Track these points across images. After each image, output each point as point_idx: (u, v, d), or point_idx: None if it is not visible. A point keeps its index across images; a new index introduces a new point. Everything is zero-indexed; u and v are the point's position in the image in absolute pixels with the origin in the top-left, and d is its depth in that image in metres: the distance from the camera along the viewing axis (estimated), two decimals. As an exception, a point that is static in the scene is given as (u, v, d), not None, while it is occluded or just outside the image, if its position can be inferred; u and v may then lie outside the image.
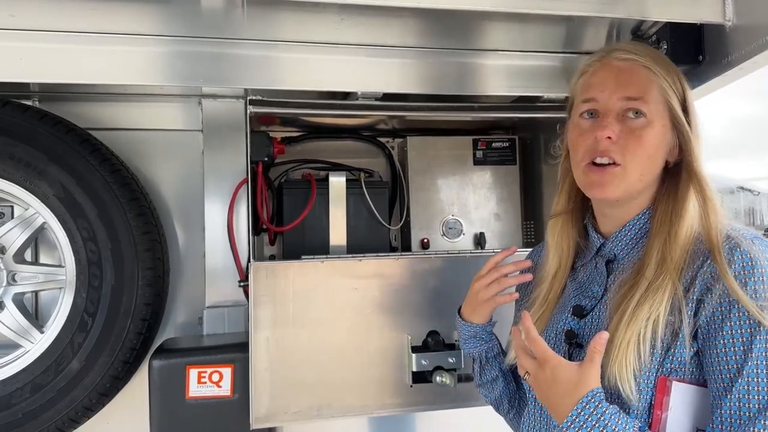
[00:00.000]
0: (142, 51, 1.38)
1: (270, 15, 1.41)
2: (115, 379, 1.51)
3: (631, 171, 0.96)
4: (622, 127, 0.96)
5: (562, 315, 1.06)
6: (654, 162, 0.98)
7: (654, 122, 0.96)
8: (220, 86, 1.60)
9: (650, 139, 0.96)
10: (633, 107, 0.96)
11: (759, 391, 0.80)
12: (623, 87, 0.97)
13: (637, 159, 0.96)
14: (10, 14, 1.31)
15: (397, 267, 1.51)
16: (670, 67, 1.00)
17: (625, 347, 0.89)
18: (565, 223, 1.11)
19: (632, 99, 0.96)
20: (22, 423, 1.45)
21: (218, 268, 1.74)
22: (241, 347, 1.47)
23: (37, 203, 1.50)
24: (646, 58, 0.99)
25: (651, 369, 0.89)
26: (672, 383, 0.88)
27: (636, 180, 0.97)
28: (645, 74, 0.98)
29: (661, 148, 0.97)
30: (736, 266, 0.85)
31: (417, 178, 1.86)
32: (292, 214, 1.70)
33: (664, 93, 0.97)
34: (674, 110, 0.97)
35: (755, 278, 0.84)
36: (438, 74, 1.52)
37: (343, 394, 1.46)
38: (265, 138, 1.69)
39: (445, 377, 1.41)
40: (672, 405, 0.87)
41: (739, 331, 0.83)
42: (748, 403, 0.80)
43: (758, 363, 0.81)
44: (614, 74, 0.99)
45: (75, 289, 1.50)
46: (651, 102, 0.96)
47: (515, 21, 1.52)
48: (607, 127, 0.96)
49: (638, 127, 0.96)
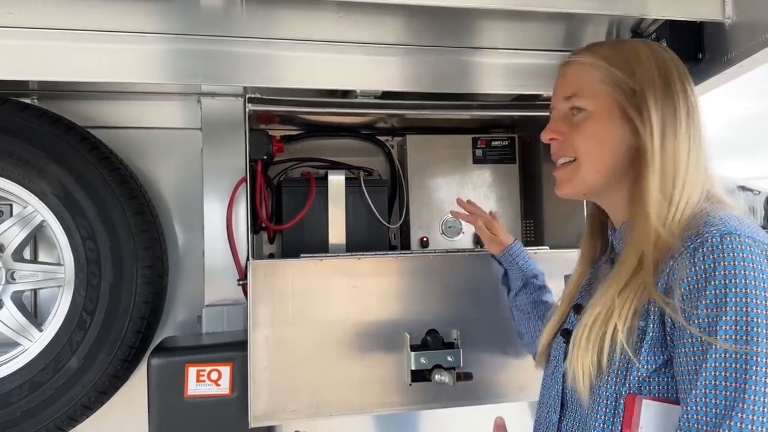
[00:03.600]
0: (141, 49, 1.37)
1: (269, 13, 1.41)
2: (113, 377, 1.51)
3: (584, 164, 0.97)
4: (570, 126, 0.99)
5: (567, 315, 1.09)
6: (607, 151, 0.96)
7: (596, 113, 0.96)
8: (219, 84, 1.60)
9: (593, 129, 0.96)
10: (572, 105, 0.99)
11: (716, 404, 0.74)
12: (562, 89, 1.02)
13: (585, 151, 0.97)
14: (8, 12, 1.31)
15: (396, 265, 1.51)
16: (622, 57, 0.97)
17: (585, 344, 0.88)
18: (590, 227, 1.14)
19: (569, 98, 1.00)
20: (20, 421, 1.45)
21: (217, 266, 1.74)
22: (240, 346, 1.47)
23: (35, 201, 1.49)
24: (586, 55, 1.00)
25: (609, 375, 0.86)
26: (641, 401, 0.83)
27: (592, 172, 0.97)
28: (581, 70, 1.00)
29: (610, 137, 0.95)
30: (694, 271, 0.79)
31: (416, 177, 1.86)
32: (291, 212, 1.70)
33: (606, 83, 0.96)
34: (617, 98, 0.95)
35: (708, 291, 0.77)
36: (437, 72, 1.52)
37: (342, 392, 1.46)
38: (264, 136, 1.69)
39: (444, 376, 1.41)
40: (642, 424, 0.83)
41: (699, 341, 0.78)
42: (705, 416, 0.75)
43: (715, 374, 0.75)
44: (559, 80, 1.04)
45: (74, 288, 1.50)
46: (588, 96, 0.97)
47: (515, 19, 1.52)
48: (549, 130, 1.02)
49: (580, 120, 0.98)
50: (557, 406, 1.02)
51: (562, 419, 1.01)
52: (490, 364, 1.52)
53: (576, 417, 0.98)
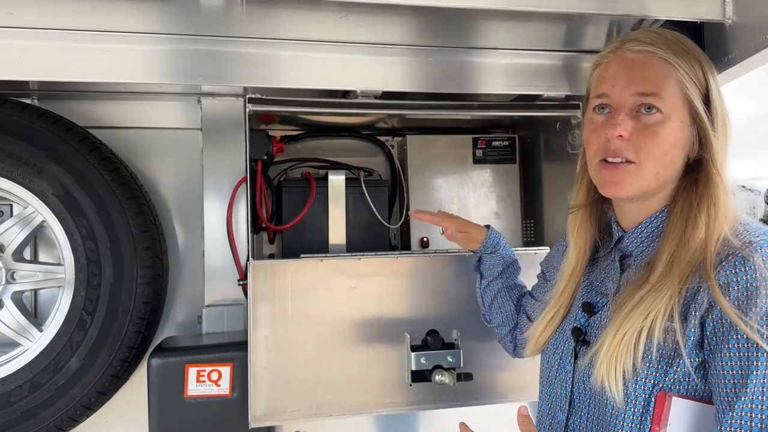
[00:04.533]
0: (142, 49, 1.38)
1: (269, 13, 1.41)
2: (114, 377, 1.51)
3: (646, 169, 0.92)
4: (636, 124, 0.92)
5: (573, 312, 1.07)
6: (671, 159, 0.93)
7: (670, 117, 0.91)
8: (220, 84, 1.59)
9: (666, 135, 0.91)
10: (646, 102, 0.92)
11: (763, 410, 0.77)
12: (636, 82, 0.93)
13: (651, 157, 0.91)
14: (8, 12, 1.31)
15: (396, 266, 1.51)
16: (691, 56, 0.94)
17: (617, 346, 0.87)
18: (584, 218, 1.09)
19: (645, 95, 0.92)
20: (20, 422, 1.45)
21: (217, 266, 1.74)
22: (240, 346, 1.47)
23: (36, 201, 1.49)
24: (663, 48, 0.93)
25: (647, 376, 0.87)
26: (671, 399, 0.85)
27: (651, 178, 0.93)
28: (660, 66, 0.92)
29: (678, 144, 0.92)
30: (740, 284, 0.81)
31: (416, 177, 1.86)
32: (292, 212, 1.70)
33: (681, 86, 0.92)
34: (693, 104, 0.92)
35: (758, 299, 0.79)
36: (438, 72, 1.52)
37: (342, 393, 1.46)
38: (265, 136, 1.69)
39: (444, 376, 1.41)
40: (671, 421, 0.84)
41: (746, 346, 0.79)
42: (750, 421, 0.77)
43: (764, 381, 0.77)
44: (627, 68, 0.95)
45: (74, 288, 1.50)
46: (666, 97, 0.91)
47: (515, 19, 1.52)
48: (618, 125, 0.92)
49: (652, 123, 0.91)
50: (564, 404, 1.02)
51: (570, 417, 1.01)
52: (490, 365, 1.53)
53: (586, 416, 0.98)
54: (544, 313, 1.11)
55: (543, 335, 1.10)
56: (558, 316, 1.09)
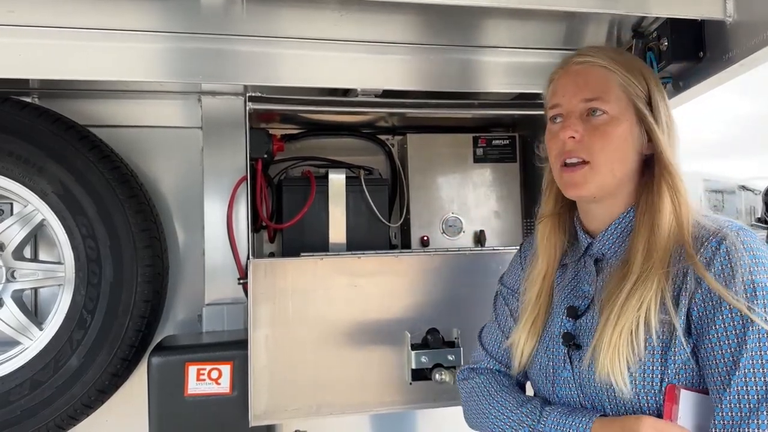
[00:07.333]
0: (142, 47, 1.37)
1: (269, 11, 1.41)
2: (114, 376, 1.51)
3: (601, 166, 0.98)
4: (586, 126, 1.00)
5: (556, 318, 1.06)
6: (623, 156, 0.99)
7: (617, 117, 0.99)
8: (220, 83, 1.60)
9: (615, 134, 0.98)
10: (592, 107, 0.99)
11: (756, 382, 0.82)
12: (581, 89, 1.01)
13: (603, 154, 0.98)
14: (9, 10, 1.31)
15: (396, 264, 1.51)
16: (631, 64, 1.03)
17: (617, 339, 0.90)
18: (553, 226, 1.13)
19: (590, 99, 1.00)
20: (20, 420, 1.45)
21: (218, 265, 1.74)
22: (241, 344, 1.47)
23: (36, 200, 1.50)
24: (602, 58, 1.02)
25: (654, 364, 0.90)
26: (681, 392, 0.87)
27: (608, 174, 0.99)
28: (601, 74, 1.01)
29: (627, 141, 0.99)
30: (721, 261, 0.87)
31: (417, 176, 1.85)
32: (292, 211, 1.70)
33: (623, 89, 1.00)
34: (637, 105, 1.00)
35: (741, 272, 0.85)
36: (438, 71, 1.52)
37: (342, 391, 1.46)
38: (265, 135, 1.69)
39: (444, 375, 1.41)
40: (681, 414, 0.87)
41: (732, 324, 0.85)
42: (747, 395, 0.82)
43: (753, 355, 0.82)
44: (572, 78, 1.04)
45: (74, 286, 1.50)
46: (611, 99, 0.99)
47: (516, 17, 1.52)
48: (569, 128, 1.00)
49: (601, 123, 0.99)
50: None
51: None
52: (490, 363, 1.52)
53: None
54: (524, 321, 1.10)
55: (527, 344, 1.09)
56: (539, 320, 1.09)
